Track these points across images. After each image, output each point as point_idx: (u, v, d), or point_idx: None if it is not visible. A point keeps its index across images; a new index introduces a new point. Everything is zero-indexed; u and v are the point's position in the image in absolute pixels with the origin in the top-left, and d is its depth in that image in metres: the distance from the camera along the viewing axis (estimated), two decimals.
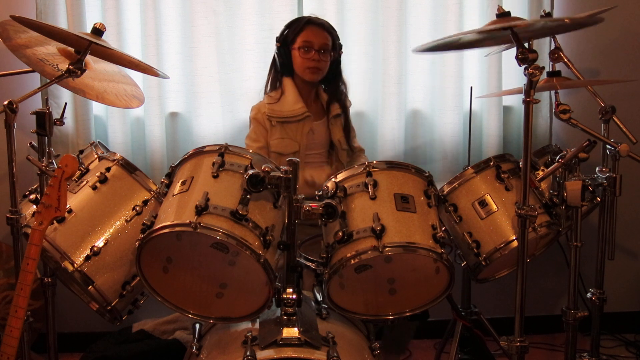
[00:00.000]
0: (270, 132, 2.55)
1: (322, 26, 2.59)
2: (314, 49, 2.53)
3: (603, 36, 3.08)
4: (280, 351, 1.72)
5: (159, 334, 2.85)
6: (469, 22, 2.98)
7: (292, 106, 2.55)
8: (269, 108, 2.55)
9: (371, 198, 1.91)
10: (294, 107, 2.55)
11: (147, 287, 1.86)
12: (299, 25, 2.57)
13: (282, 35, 2.60)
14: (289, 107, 2.55)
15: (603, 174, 2.48)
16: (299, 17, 2.67)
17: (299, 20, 2.62)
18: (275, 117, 2.54)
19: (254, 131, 2.58)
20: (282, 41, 2.59)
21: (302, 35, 2.55)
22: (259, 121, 2.57)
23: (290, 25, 2.61)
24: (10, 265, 2.74)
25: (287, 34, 2.59)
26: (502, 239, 2.11)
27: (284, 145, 2.53)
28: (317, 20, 2.61)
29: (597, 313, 2.64)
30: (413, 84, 3.05)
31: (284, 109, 2.55)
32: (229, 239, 1.72)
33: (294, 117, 2.54)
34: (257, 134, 2.57)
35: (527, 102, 1.90)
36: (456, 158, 3.04)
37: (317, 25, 2.58)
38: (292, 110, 2.54)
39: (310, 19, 2.60)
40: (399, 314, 1.99)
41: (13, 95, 1.97)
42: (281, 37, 2.60)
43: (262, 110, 2.58)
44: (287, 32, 2.59)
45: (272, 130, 2.54)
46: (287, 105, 2.55)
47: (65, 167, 1.85)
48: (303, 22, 2.59)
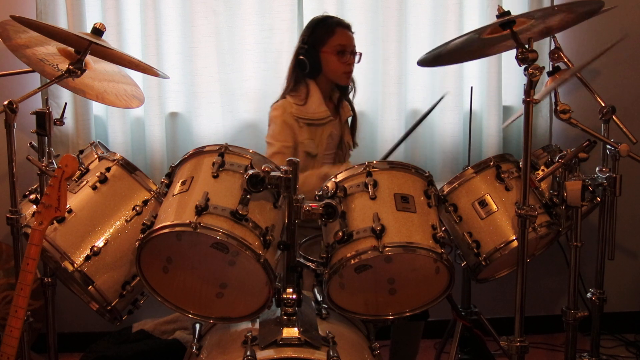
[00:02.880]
0: (298, 132, 2.50)
1: (349, 28, 2.56)
2: (348, 52, 2.51)
3: (603, 36, 3.08)
4: (280, 351, 1.72)
5: (159, 334, 2.85)
6: (469, 22, 2.98)
7: (317, 109, 2.52)
8: (297, 109, 2.50)
9: (371, 198, 1.91)
10: (319, 110, 2.52)
11: (147, 287, 1.86)
12: (330, 28, 2.52)
13: (310, 36, 2.53)
14: (314, 109, 2.52)
15: (603, 174, 2.48)
16: (324, 18, 2.58)
17: (327, 21, 2.55)
18: (303, 119, 2.50)
19: (280, 131, 2.48)
20: (309, 43, 2.53)
21: (335, 38, 2.50)
22: (285, 121, 2.49)
23: (316, 26, 2.54)
24: (10, 265, 2.74)
25: (315, 36, 2.52)
26: (502, 239, 2.11)
27: (313, 146, 2.51)
28: (344, 22, 2.56)
29: (597, 313, 2.64)
30: (413, 84, 3.05)
31: (310, 111, 2.51)
32: (229, 239, 1.72)
33: (319, 120, 2.52)
34: (283, 133, 2.48)
35: (527, 102, 1.90)
36: (456, 158, 3.04)
37: (345, 28, 2.55)
38: (317, 112, 2.52)
39: (340, 21, 2.55)
40: (399, 314, 1.99)
41: (13, 95, 1.98)
42: (308, 38, 2.53)
43: (288, 110, 2.50)
44: (314, 33, 2.52)
45: (301, 131, 2.50)
46: (312, 107, 2.52)
47: (65, 167, 1.85)
48: (333, 24, 2.53)
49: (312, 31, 2.54)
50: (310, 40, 2.53)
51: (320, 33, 2.52)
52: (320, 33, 2.52)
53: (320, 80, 2.56)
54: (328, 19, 2.57)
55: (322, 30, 2.53)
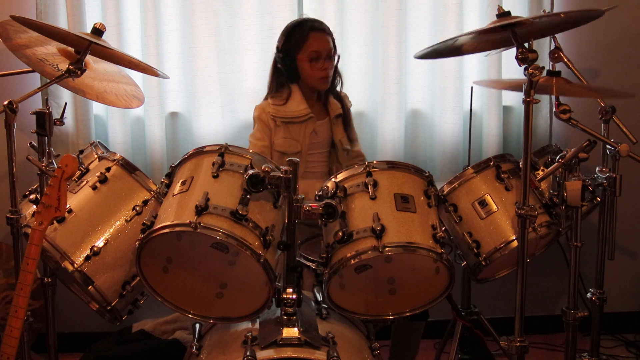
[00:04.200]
0: (274, 131, 2.54)
1: (324, 31, 2.54)
2: (321, 58, 2.50)
3: (603, 36, 3.08)
4: (280, 351, 1.72)
5: (159, 334, 2.85)
6: (469, 22, 2.98)
7: (296, 107, 2.53)
8: (274, 108, 2.54)
9: (371, 198, 1.91)
10: (298, 108, 2.53)
11: (147, 287, 1.86)
12: (302, 34, 2.50)
13: (284, 44, 2.54)
14: (294, 108, 2.53)
15: (603, 174, 2.48)
16: (298, 23, 2.58)
17: (300, 27, 2.54)
18: (280, 117, 2.52)
19: (259, 130, 2.57)
20: (284, 51, 2.53)
21: (308, 44, 2.49)
22: (263, 121, 2.55)
23: (290, 33, 2.54)
24: (10, 265, 2.74)
25: (289, 43, 2.52)
26: (502, 239, 2.11)
27: (287, 145, 2.52)
28: (319, 25, 2.55)
29: (597, 313, 2.64)
30: (413, 84, 3.05)
31: (288, 110, 2.53)
32: (229, 239, 1.73)
33: (298, 117, 2.53)
34: (261, 132, 2.55)
35: (527, 102, 1.90)
36: (456, 158, 3.04)
37: (319, 31, 2.53)
38: (296, 111, 2.53)
39: (313, 25, 2.53)
40: (399, 314, 1.99)
41: (13, 95, 1.97)
42: (283, 46, 2.54)
43: (266, 110, 2.55)
44: (289, 41, 2.52)
45: (276, 130, 2.53)
46: (292, 106, 2.54)
47: (65, 167, 1.85)
48: (306, 29, 2.52)
49: (287, 38, 2.54)
50: (285, 47, 2.53)
51: (294, 40, 2.51)
52: (294, 40, 2.51)
53: (301, 84, 2.57)
54: (302, 24, 2.56)
55: (295, 36, 2.52)
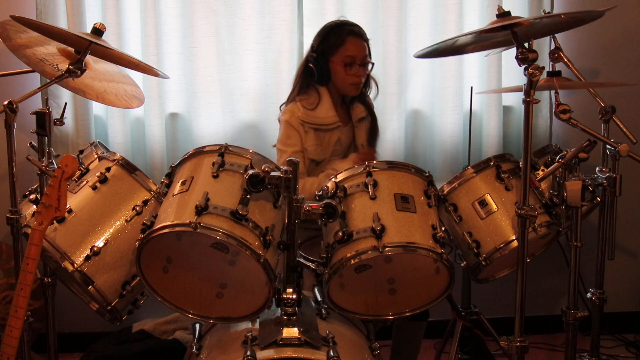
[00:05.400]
0: (304, 137, 2.48)
1: (362, 37, 2.50)
2: (356, 64, 2.46)
3: (603, 36, 3.08)
4: (280, 351, 1.72)
5: (159, 334, 2.85)
6: (469, 22, 2.98)
7: (326, 114, 2.49)
8: (304, 113, 2.48)
9: (371, 198, 1.91)
10: (328, 115, 2.49)
11: (147, 287, 1.86)
12: (340, 37, 2.46)
13: (320, 44, 2.49)
14: (323, 114, 2.49)
15: (603, 174, 2.48)
16: (337, 25, 2.52)
17: (338, 29, 2.49)
18: (309, 123, 2.47)
19: (287, 135, 2.48)
20: (318, 51, 2.49)
21: (344, 49, 2.45)
22: (293, 126, 2.47)
23: (327, 34, 2.49)
24: (10, 265, 2.74)
25: (325, 44, 2.48)
26: (502, 239, 2.11)
27: (317, 153, 2.49)
28: (358, 30, 2.50)
29: (597, 313, 2.64)
30: (413, 84, 3.05)
31: (318, 116, 2.49)
32: (229, 239, 1.72)
33: (326, 125, 2.50)
34: (291, 137, 2.47)
35: (527, 102, 1.90)
36: (456, 158, 3.04)
37: (357, 37, 2.48)
38: (326, 117, 2.49)
39: (352, 30, 2.48)
40: (399, 314, 1.99)
41: (13, 95, 1.97)
42: (318, 46, 2.50)
43: (296, 114, 2.48)
44: (325, 42, 2.48)
45: (306, 137, 2.47)
46: (321, 112, 2.49)
47: (65, 167, 1.85)
48: (344, 33, 2.47)
49: (323, 39, 2.50)
50: (320, 48, 2.49)
51: (331, 42, 2.47)
52: (331, 42, 2.47)
53: (331, 87, 2.53)
54: (340, 27, 2.50)
55: (332, 38, 2.47)
